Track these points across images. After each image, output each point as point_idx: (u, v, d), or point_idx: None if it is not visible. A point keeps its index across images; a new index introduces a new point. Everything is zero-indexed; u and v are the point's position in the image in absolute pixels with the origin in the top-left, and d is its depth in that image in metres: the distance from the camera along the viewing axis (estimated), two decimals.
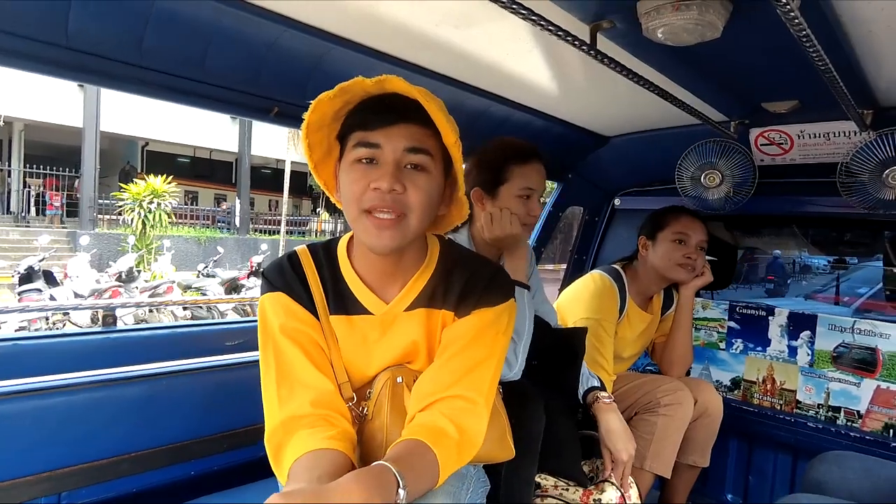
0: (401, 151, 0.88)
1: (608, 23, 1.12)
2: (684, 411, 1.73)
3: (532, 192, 1.41)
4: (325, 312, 0.98)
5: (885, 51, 1.23)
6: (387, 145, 0.88)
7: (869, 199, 1.73)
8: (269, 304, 0.96)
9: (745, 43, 1.20)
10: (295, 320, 0.95)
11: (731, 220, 2.35)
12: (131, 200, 12.84)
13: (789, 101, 1.61)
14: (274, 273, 0.98)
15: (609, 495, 1.29)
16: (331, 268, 1.00)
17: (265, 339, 0.95)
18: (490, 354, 0.96)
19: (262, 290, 0.98)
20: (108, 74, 1.16)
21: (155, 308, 7.08)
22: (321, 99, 0.89)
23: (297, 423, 0.87)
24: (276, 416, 0.89)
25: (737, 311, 2.23)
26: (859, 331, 1.96)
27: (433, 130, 0.90)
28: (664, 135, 2.06)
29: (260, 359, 0.95)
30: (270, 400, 0.91)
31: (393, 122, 0.88)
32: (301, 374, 0.92)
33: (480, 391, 0.93)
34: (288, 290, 0.96)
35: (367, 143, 0.88)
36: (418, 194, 0.89)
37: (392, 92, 0.90)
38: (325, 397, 0.91)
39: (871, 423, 1.92)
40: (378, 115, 0.88)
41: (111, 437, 1.30)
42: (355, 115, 0.91)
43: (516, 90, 1.70)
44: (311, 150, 0.97)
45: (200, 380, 1.46)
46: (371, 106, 0.90)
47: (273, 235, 17.13)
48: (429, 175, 0.91)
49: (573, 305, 1.85)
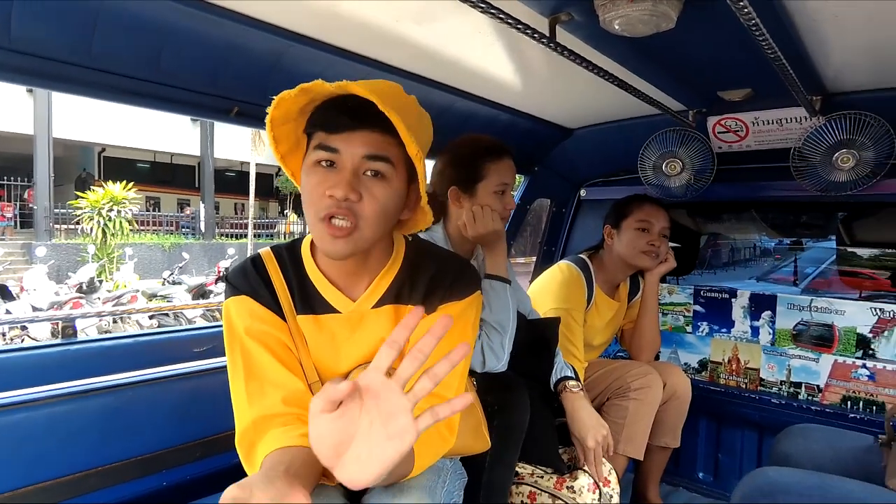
0: (359, 158, 0.86)
1: (566, 15, 1.13)
2: (654, 394, 1.77)
3: (506, 187, 1.45)
4: (292, 313, 0.97)
5: (831, 39, 1.28)
6: (345, 151, 0.86)
7: (820, 181, 1.81)
8: (233, 307, 0.95)
9: (700, 33, 1.24)
10: (261, 323, 0.94)
11: (693, 206, 2.41)
12: (89, 209, 12.41)
13: (743, 90, 1.66)
14: (238, 277, 0.97)
15: (581, 482, 1.31)
16: (296, 268, 0.99)
17: (231, 342, 0.94)
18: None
19: (227, 294, 0.97)
20: (56, 77, 1.12)
21: (119, 318, 6.87)
22: (283, 97, 0.87)
23: (269, 422, 0.86)
24: (247, 415, 0.88)
25: (701, 294, 2.30)
26: (816, 309, 2.04)
27: (397, 137, 0.87)
28: (626, 125, 2.10)
29: (227, 362, 0.93)
30: (240, 400, 0.90)
31: (354, 127, 0.86)
32: (270, 374, 0.91)
33: (450, 386, 0.94)
34: (252, 293, 0.95)
35: (326, 147, 0.87)
36: (373, 204, 0.87)
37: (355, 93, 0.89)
38: (297, 395, 0.90)
39: (830, 396, 2.00)
40: (340, 118, 0.86)
41: (76, 452, 1.26)
42: (319, 114, 0.90)
43: (481, 85, 1.71)
44: (276, 142, 0.96)
45: (168, 388, 1.43)
46: (335, 106, 0.88)
47: (240, 239, 16.80)
48: (387, 183, 0.89)
49: (542, 296, 1.87)
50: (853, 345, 1.97)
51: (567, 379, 1.55)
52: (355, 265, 0.97)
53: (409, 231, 1.06)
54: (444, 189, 1.45)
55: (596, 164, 2.47)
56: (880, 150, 1.68)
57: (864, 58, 1.41)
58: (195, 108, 1.39)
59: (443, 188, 1.45)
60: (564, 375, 1.57)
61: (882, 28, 1.22)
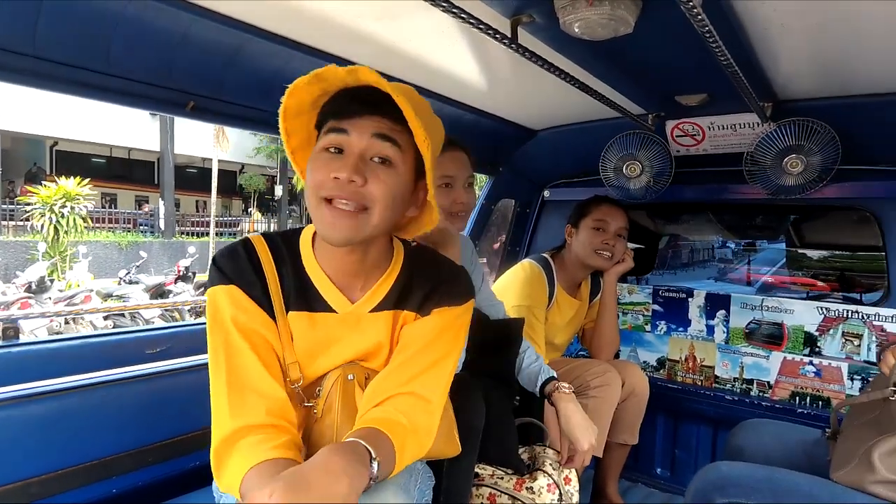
0: (367, 138, 0.86)
1: (528, 17, 1.14)
2: (613, 392, 1.80)
3: (452, 180, 1.40)
4: (282, 308, 0.93)
5: (780, 48, 1.33)
6: (353, 133, 0.86)
7: (771, 185, 1.87)
8: (220, 296, 0.89)
9: (657, 38, 1.26)
10: (249, 318, 0.89)
11: (653, 208, 2.47)
12: (41, 205, 11.87)
13: (699, 95, 1.71)
14: (226, 260, 0.92)
15: (540, 482, 1.32)
16: (292, 261, 0.95)
17: (216, 333, 0.89)
18: (448, 354, 0.96)
19: (212, 281, 0.91)
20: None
21: (71, 319, 6.59)
22: (297, 84, 0.86)
23: (249, 433, 0.83)
24: (227, 424, 0.84)
25: (660, 294, 2.36)
26: (767, 308, 2.12)
27: (407, 127, 0.87)
28: (588, 127, 2.14)
29: (209, 355, 0.89)
30: (220, 406, 0.86)
31: (364, 112, 0.86)
32: (255, 381, 0.87)
33: (435, 390, 0.93)
34: (242, 281, 0.90)
35: (336, 129, 0.86)
36: (380, 187, 0.86)
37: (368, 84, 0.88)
38: (278, 405, 0.87)
39: (779, 392, 2.08)
40: (350, 105, 0.86)
41: (16, 458, 1.19)
42: (330, 104, 0.89)
43: (444, 84, 1.71)
44: (288, 135, 0.94)
45: (119, 392, 1.37)
46: (346, 95, 0.88)
47: (202, 238, 16.35)
48: (394, 170, 0.88)
49: (505, 294, 1.88)
50: (801, 342, 2.05)
51: (554, 380, 1.54)
52: (355, 264, 0.95)
53: (415, 233, 1.04)
54: None
55: (559, 166, 2.50)
56: (826, 156, 1.76)
57: (811, 67, 1.47)
58: (148, 102, 1.34)
59: None
60: (551, 377, 1.56)
61: (826, 39, 1.28)
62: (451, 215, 1.40)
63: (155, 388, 1.43)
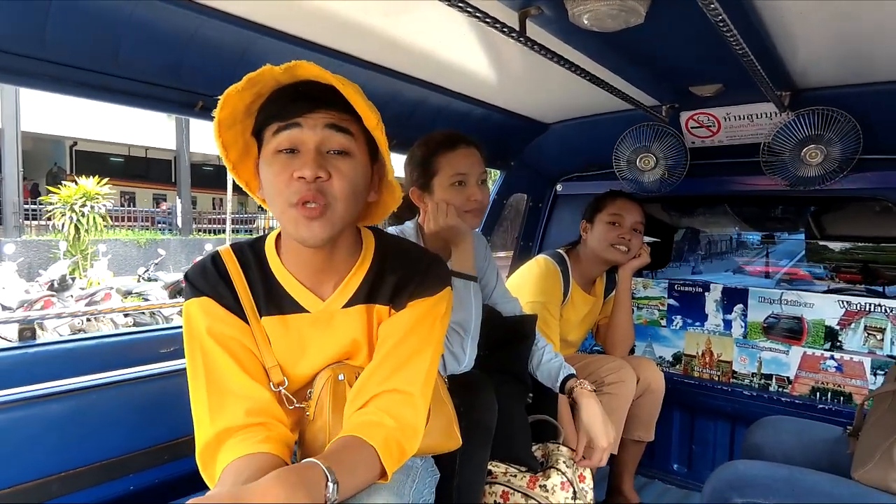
0: (321, 132, 0.85)
1: (536, 9, 1.12)
2: (628, 388, 1.78)
3: (465, 178, 1.39)
4: (255, 314, 0.94)
5: (798, 34, 1.29)
6: (307, 129, 0.84)
7: (790, 176, 1.83)
8: (194, 309, 0.91)
9: (669, 28, 1.23)
10: (223, 326, 0.91)
11: (668, 201, 2.43)
12: (61, 204, 12.09)
13: (714, 85, 1.67)
14: (197, 276, 0.93)
15: (554, 480, 1.31)
16: (259, 267, 0.96)
17: (192, 346, 0.90)
18: (425, 345, 0.96)
19: (187, 296, 0.93)
20: (6, 69, 1.07)
21: (93, 317, 6.71)
22: (229, 93, 0.85)
23: (230, 434, 0.84)
24: (208, 430, 0.85)
25: (675, 288, 2.32)
26: (786, 301, 2.07)
27: (354, 115, 0.87)
28: (601, 120, 2.10)
29: (188, 368, 0.90)
30: (201, 413, 0.87)
31: (311, 108, 0.85)
32: (233, 384, 0.88)
33: (415, 382, 0.92)
34: (213, 293, 0.92)
35: (286, 127, 0.84)
36: (343, 181, 0.86)
37: (304, 80, 0.87)
38: (261, 405, 0.88)
39: (799, 387, 2.04)
40: (295, 104, 0.85)
41: (37, 457, 1.21)
42: (270, 107, 0.88)
43: (453, 79, 1.69)
44: (226, 149, 0.93)
45: (134, 391, 1.39)
46: (286, 95, 0.86)
47: (218, 235, 16.53)
48: (353, 160, 0.88)
49: (519, 290, 1.87)
50: (822, 337, 2.00)
51: (574, 377, 1.53)
52: (323, 262, 0.95)
53: (382, 216, 1.04)
54: (407, 193, 1.43)
55: (571, 159, 2.47)
56: (847, 146, 1.71)
57: (831, 54, 1.43)
58: (157, 103, 1.35)
59: (406, 192, 1.43)
60: (572, 373, 1.55)
61: (846, 25, 1.24)
62: (465, 213, 1.39)
63: (169, 387, 1.45)
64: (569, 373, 1.54)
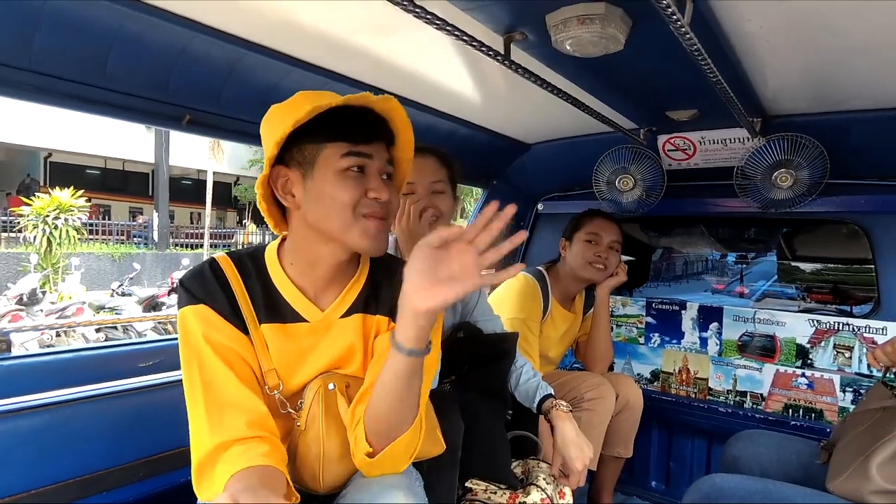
0: (383, 163, 0.95)
1: (520, 34, 1.16)
2: (607, 405, 1.81)
3: (412, 186, 1.38)
4: (254, 321, 0.94)
5: (767, 65, 1.36)
6: (376, 158, 0.94)
7: (761, 198, 1.90)
8: (190, 316, 0.90)
9: (647, 55, 1.29)
10: (220, 335, 0.90)
11: (646, 221, 2.49)
12: (34, 216, 11.81)
13: (690, 110, 1.73)
14: (194, 282, 0.92)
15: (534, 497, 1.31)
16: (259, 276, 0.97)
17: (188, 354, 0.89)
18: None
19: (182, 302, 0.92)
20: None
21: (63, 331, 6.53)
22: (319, 104, 0.88)
23: (229, 447, 0.84)
24: (207, 442, 0.84)
25: (653, 306, 2.37)
26: (759, 320, 2.13)
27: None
28: (582, 142, 2.16)
29: (183, 378, 0.89)
30: (199, 424, 0.86)
31: (379, 137, 0.95)
32: (232, 396, 0.88)
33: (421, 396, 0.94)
34: (210, 299, 0.91)
35: (359, 154, 0.92)
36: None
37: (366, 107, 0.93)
38: (259, 418, 0.88)
39: (773, 404, 2.09)
40: (370, 129, 0.94)
41: (9, 473, 1.18)
42: (342, 124, 0.91)
43: (439, 99, 1.73)
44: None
45: (111, 405, 1.36)
46: (356, 118, 0.92)
47: (196, 249, 16.29)
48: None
49: (499, 307, 1.88)
50: (793, 355, 2.06)
51: (552, 397, 1.54)
52: (334, 271, 0.98)
53: None
54: None
55: (552, 179, 2.52)
56: (815, 171, 1.78)
57: (798, 83, 1.50)
58: (145, 116, 1.35)
59: None
60: (549, 393, 1.56)
61: (812, 56, 1.31)
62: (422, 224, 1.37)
63: (147, 402, 1.42)
64: (545, 393, 1.55)
